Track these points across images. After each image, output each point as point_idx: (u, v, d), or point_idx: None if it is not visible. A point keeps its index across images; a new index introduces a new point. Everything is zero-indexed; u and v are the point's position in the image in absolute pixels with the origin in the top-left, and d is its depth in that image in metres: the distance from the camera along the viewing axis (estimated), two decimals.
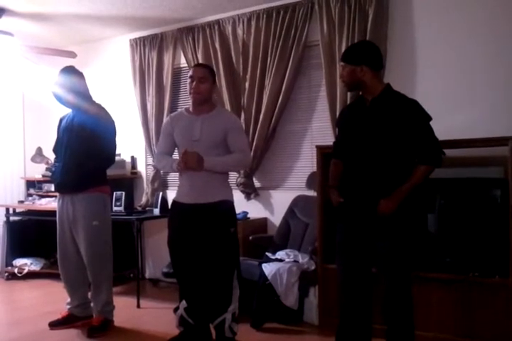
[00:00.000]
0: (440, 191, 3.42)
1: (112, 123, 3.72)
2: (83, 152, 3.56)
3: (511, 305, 3.05)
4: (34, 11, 4.62)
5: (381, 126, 2.70)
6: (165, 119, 3.41)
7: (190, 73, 3.25)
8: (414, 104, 2.72)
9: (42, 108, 5.96)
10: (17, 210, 5.73)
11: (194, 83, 3.17)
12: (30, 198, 5.81)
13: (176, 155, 3.33)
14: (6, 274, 5.53)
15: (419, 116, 2.69)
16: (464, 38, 3.71)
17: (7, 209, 5.67)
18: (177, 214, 3.29)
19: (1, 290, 5.19)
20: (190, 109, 3.28)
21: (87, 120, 3.60)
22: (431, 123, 2.71)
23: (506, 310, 3.06)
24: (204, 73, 3.21)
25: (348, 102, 3.86)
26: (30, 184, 5.96)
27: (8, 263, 5.59)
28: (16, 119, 6.03)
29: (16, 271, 5.48)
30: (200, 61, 4.77)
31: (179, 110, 3.58)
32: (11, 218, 5.68)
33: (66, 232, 3.70)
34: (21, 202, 5.78)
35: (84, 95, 3.71)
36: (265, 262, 3.83)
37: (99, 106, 3.75)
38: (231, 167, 3.33)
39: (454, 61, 3.75)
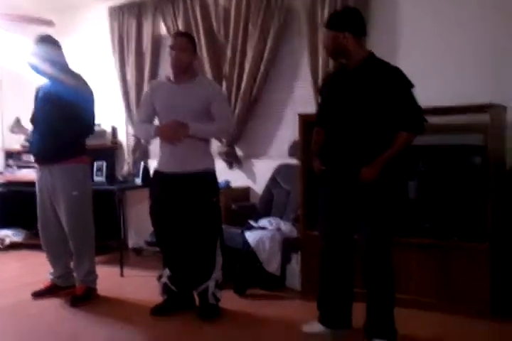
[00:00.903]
0: (421, 158, 3.44)
1: (90, 92, 3.65)
2: (60, 122, 3.49)
3: (489, 269, 3.13)
4: None
5: (363, 93, 2.69)
6: (146, 87, 3.38)
7: (170, 42, 3.21)
8: (396, 71, 2.70)
9: (19, 78, 5.82)
10: None
11: (174, 52, 3.13)
12: (9, 169, 5.74)
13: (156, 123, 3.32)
14: None
15: (401, 83, 2.68)
16: (450, 3, 3.68)
17: None
18: (158, 183, 3.29)
19: None
20: (171, 77, 3.25)
21: (64, 89, 3.51)
22: (413, 90, 2.70)
23: (484, 274, 3.13)
24: (184, 42, 3.17)
25: (331, 70, 3.83)
26: (9, 155, 5.89)
27: None
28: None
29: None
30: (181, 29, 4.69)
31: (160, 78, 3.54)
32: None
33: (46, 203, 3.67)
34: (0, 173, 5.71)
35: (61, 64, 3.62)
36: (248, 230, 3.86)
37: (76, 75, 3.66)
38: (214, 133, 3.33)
39: (438, 27, 3.73)
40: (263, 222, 3.93)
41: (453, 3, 3.68)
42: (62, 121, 3.48)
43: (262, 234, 3.74)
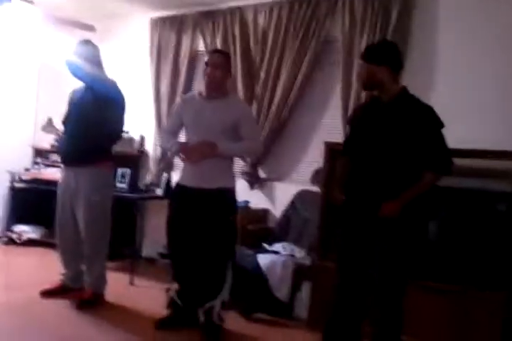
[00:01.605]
0: (445, 199, 3.39)
1: (123, 99, 3.72)
2: (91, 126, 3.57)
3: (501, 318, 3.06)
4: None
5: (393, 129, 2.69)
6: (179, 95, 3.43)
7: (206, 59, 3.25)
8: (428, 110, 2.70)
9: (57, 79, 5.93)
10: (23, 178, 5.77)
11: (209, 69, 3.18)
12: (36, 166, 5.84)
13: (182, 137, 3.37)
14: (5, 239, 5.59)
15: (432, 123, 2.67)
16: (488, 44, 3.66)
17: (13, 176, 5.71)
18: (179, 196, 3.33)
19: None
20: (203, 93, 3.28)
21: (98, 94, 3.58)
22: (444, 130, 2.69)
23: (499, 325, 3.06)
24: (220, 60, 3.22)
25: (362, 101, 3.83)
26: (38, 153, 5.99)
27: (8, 228, 5.65)
28: (29, 88, 6.02)
29: (15, 236, 5.55)
30: (219, 46, 4.74)
31: (192, 92, 3.58)
32: (16, 185, 5.72)
33: (66, 204, 3.73)
34: (27, 169, 5.81)
35: (99, 69, 3.71)
36: (261, 253, 3.85)
37: (112, 81, 3.74)
38: (242, 153, 3.38)
39: (474, 67, 3.70)
40: (277, 246, 3.93)
41: (497, 47, 3.65)
42: (93, 125, 3.57)
43: (274, 259, 3.73)
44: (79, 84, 3.79)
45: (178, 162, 5.16)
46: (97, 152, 3.65)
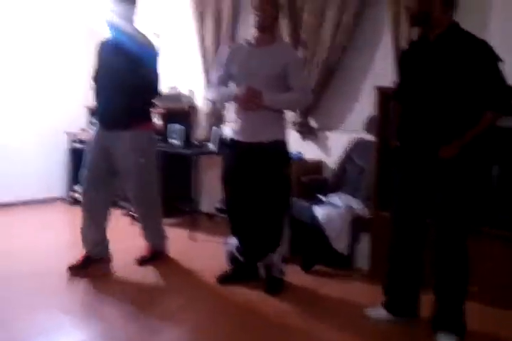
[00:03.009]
0: (507, 141, 3.19)
1: (156, 53, 3.51)
2: (128, 85, 3.34)
3: None
4: None
5: (445, 67, 2.53)
6: (222, 49, 3.28)
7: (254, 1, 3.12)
8: (481, 44, 2.51)
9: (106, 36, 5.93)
10: (80, 138, 5.89)
11: (258, 10, 3.07)
12: (92, 126, 5.92)
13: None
14: (70, 199, 5.79)
15: (486, 57, 2.49)
16: None
17: (71, 137, 5.86)
18: (231, 151, 3.32)
19: (65, 214, 5.47)
20: (251, 40, 3.19)
21: (132, 51, 3.34)
22: (502, 66, 2.49)
23: None
24: (268, 1, 3.09)
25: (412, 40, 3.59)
26: (93, 113, 6.04)
27: (71, 188, 5.84)
28: (81, 49, 6.03)
29: (78, 196, 5.73)
30: None
31: (239, 41, 3.48)
32: (75, 145, 5.85)
33: (101, 165, 3.51)
34: (84, 130, 5.91)
35: (132, 23, 3.51)
36: (317, 204, 3.79)
37: (144, 35, 3.54)
38: (290, 105, 3.28)
39: None
40: (333, 197, 3.85)
41: None
42: (129, 84, 3.34)
43: (331, 211, 3.66)
44: (107, 36, 3.57)
45: (229, 115, 5.10)
46: (136, 113, 3.48)
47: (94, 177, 3.54)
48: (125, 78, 3.34)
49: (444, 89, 2.53)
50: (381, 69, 4.05)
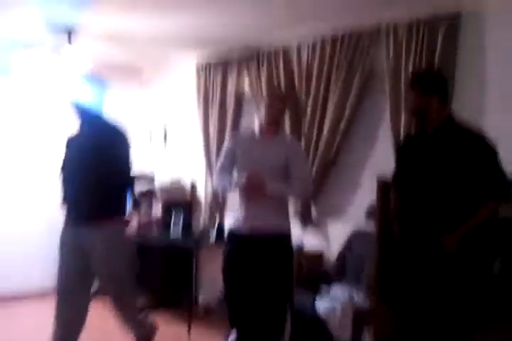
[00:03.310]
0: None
1: (127, 141, 3.27)
2: (101, 175, 3.09)
3: None
4: (105, 31, 4.74)
5: (443, 159, 2.58)
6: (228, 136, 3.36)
7: (268, 92, 3.25)
8: (477, 137, 2.58)
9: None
10: None
11: (269, 100, 3.18)
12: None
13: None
14: None
15: (483, 151, 2.55)
16: None
17: None
18: (233, 242, 3.24)
19: None
20: (256, 130, 3.27)
21: (101, 139, 3.17)
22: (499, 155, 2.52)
23: None
24: (281, 93, 3.37)
25: (411, 132, 3.68)
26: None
27: None
28: None
29: None
30: (264, 86, 4.73)
31: (244, 130, 3.58)
32: None
33: (74, 267, 3.18)
34: None
35: (101, 107, 3.34)
36: (319, 296, 3.67)
37: (115, 122, 3.35)
38: (292, 195, 3.29)
39: None
40: (335, 289, 3.73)
41: None
42: (103, 173, 3.09)
43: (333, 304, 3.53)
44: (75, 129, 3.37)
45: (231, 206, 5.12)
46: (108, 207, 3.15)
47: (69, 283, 3.20)
48: (94, 171, 3.10)
49: (442, 180, 2.56)
50: (381, 158, 4.10)
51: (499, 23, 3.59)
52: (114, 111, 3.55)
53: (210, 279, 4.75)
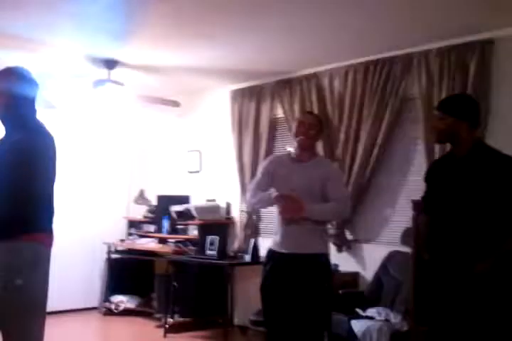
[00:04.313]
0: None
1: (34, 149, 2.51)
2: (6, 186, 2.45)
3: None
4: (143, 63, 4.96)
5: (471, 185, 2.58)
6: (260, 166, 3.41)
7: (300, 118, 3.32)
8: (507, 161, 2.58)
9: (147, 153, 6.36)
10: (118, 248, 6.03)
11: (302, 127, 3.18)
12: (130, 237, 6.09)
13: None
14: (104, 309, 5.79)
15: None
16: None
17: (109, 247, 5.99)
18: (272, 262, 3.23)
19: (98, 324, 5.44)
20: (292, 154, 3.27)
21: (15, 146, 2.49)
22: None
23: None
24: (313, 119, 3.24)
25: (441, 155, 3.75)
26: (131, 224, 6.27)
27: (107, 298, 5.87)
28: (123, 163, 6.44)
29: (112, 307, 5.75)
30: (296, 112, 4.87)
31: (282, 153, 3.61)
32: (113, 256, 5.99)
33: None
34: (122, 240, 6.07)
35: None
36: (355, 318, 3.73)
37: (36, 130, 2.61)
38: (330, 215, 3.27)
39: None
40: (371, 311, 3.79)
41: None
42: (8, 184, 2.46)
43: (369, 325, 3.59)
44: None
45: (265, 227, 5.22)
46: (12, 222, 2.43)
47: None
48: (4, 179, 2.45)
49: (471, 205, 2.57)
50: (415, 183, 4.19)
51: None
52: (153, 137, 3.69)
53: (247, 299, 4.83)
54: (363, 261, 4.46)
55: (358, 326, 3.61)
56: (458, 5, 3.46)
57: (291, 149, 3.36)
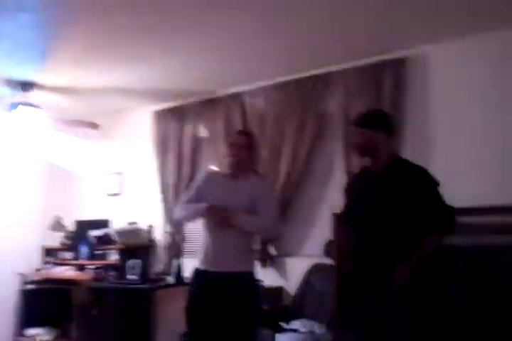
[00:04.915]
0: (463, 259, 3.26)
1: None
2: None
3: None
4: (62, 85, 4.85)
5: (388, 192, 2.69)
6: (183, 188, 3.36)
7: (230, 140, 3.26)
8: (420, 170, 2.73)
9: (64, 178, 6.15)
10: (33, 278, 5.70)
11: (231, 149, 3.16)
12: (46, 266, 5.80)
13: None
14: None
15: (426, 183, 2.68)
16: (482, 108, 3.74)
17: (23, 278, 5.65)
18: (199, 281, 3.15)
19: None
20: (226, 171, 3.25)
21: None
22: (440, 189, 2.68)
23: None
24: (243, 141, 3.17)
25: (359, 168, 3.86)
26: (48, 252, 5.97)
27: (21, 332, 5.48)
28: (38, 188, 6.17)
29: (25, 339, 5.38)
30: (220, 132, 4.90)
31: (217, 170, 3.54)
32: (27, 287, 5.64)
33: None
34: (38, 270, 5.76)
35: None
36: (279, 332, 3.67)
37: None
38: (260, 229, 3.19)
39: (472, 131, 3.76)
40: (295, 323, 3.75)
41: (490, 111, 3.73)
42: None
43: (293, 338, 3.55)
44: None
45: (189, 248, 5.12)
46: None
47: None
48: None
49: (388, 215, 2.67)
50: (335, 197, 4.25)
51: (440, 67, 3.94)
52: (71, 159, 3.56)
53: (170, 322, 4.65)
54: (286, 275, 4.44)
55: (282, 340, 3.55)
56: (373, 28, 3.73)
57: (215, 168, 3.33)
